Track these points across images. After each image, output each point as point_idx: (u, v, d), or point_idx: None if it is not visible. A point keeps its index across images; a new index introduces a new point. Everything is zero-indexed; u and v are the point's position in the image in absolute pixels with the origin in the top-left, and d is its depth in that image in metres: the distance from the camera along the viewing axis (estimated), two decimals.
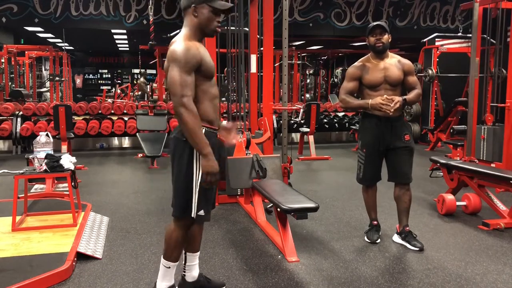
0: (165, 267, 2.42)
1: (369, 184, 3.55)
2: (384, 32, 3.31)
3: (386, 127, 3.35)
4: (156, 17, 9.31)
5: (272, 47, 4.89)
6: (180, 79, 2.14)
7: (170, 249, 2.39)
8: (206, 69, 2.25)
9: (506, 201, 4.24)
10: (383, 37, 3.31)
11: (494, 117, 6.55)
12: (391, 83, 3.32)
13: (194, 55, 2.18)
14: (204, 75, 2.26)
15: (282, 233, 3.25)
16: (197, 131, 2.14)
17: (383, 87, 3.32)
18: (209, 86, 2.30)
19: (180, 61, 2.15)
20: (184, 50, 2.17)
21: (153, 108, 8.18)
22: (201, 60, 2.21)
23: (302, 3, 10.29)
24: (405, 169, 3.43)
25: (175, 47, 2.20)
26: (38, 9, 9.17)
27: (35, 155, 3.87)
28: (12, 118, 8.20)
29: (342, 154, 8.31)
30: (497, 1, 6.13)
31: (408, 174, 3.45)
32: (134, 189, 5.38)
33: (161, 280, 2.44)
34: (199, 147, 2.16)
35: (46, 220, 3.80)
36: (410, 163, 3.45)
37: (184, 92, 2.13)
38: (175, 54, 2.17)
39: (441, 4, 10.89)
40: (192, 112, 2.14)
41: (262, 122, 4.73)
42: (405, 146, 3.39)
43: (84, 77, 21.47)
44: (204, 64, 2.23)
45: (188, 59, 2.16)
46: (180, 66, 2.15)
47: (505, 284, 2.78)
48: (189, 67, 2.17)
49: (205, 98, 2.28)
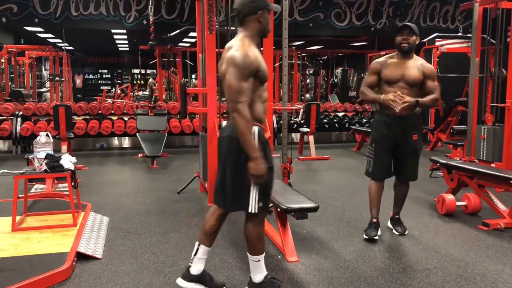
0: (255, 261, 2.52)
1: (377, 178, 3.61)
2: (412, 33, 3.41)
3: (395, 125, 3.43)
4: (156, 17, 9.31)
5: (272, 47, 4.89)
6: (237, 85, 2.25)
7: (254, 245, 2.49)
8: (263, 75, 2.36)
9: (506, 201, 4.24)
10: (410, 38, 3.41)
11: (494, 117, 6.55)
12: (408, 82, 3.39)
13: (253, 62, 2.28)
14: (260, 80, 2.37)
15: (282, 233, 3.25)
16: (247, 136, 2.27)
17: (399, 85, 3.41)
18: (263, 90, 2.42)
19: (239, 67, 2.26)
20: (244, 57, 2.27)
21: (153, 108, 8.18)
22: (258, 66, 2.31)
23: (302, 3, 10.29)
24: (409, 169, 3.55)
25: (235, 53, 2.29)
26: (38, 9, 9.17)
27: (35, 155, 3.87)
28: (12, 118, 8.20)
29: (342, 154, 8.31)
30: (497, 1, 6.13)
31: (410, 173, 3.56)
32: (134, 189, 5.38)
33: (255, 274, 2.53)
34: (249, 150, 2.27)
35: (46, 220, 3.80)
36: (414, 163, 3.55)
37: (239, 98, 2.25)
38: (235, 60, 2.27)
39: (441, 4, 10.89)
40: (245, 118, 2.26)
41: None
42: (411, 146, 3.48)
43: (84, 77, 21.46)
44: (261, 70, 2.33)
45: (247, 65, 2.26)
46: (239, 73, 2.25)
47: (505, 284, 2.78)
48: (247, 74, 2.27)
49: (259, 101, 2.40)
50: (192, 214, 4.31)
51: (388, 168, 3.59)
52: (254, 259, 2.51)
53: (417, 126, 3.53)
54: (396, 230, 3.69)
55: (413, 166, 3.56)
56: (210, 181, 4.62)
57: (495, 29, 6.46)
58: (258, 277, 2.54)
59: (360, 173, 6.40)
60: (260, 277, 2.53)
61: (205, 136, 4.82)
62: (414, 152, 3.52)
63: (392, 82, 3.42)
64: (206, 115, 4.85)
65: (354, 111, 10.59)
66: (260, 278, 2.53)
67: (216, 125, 4.58)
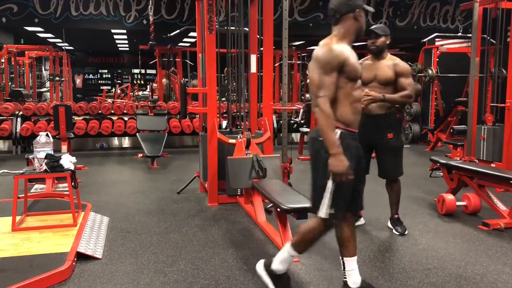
0: (290, 255, 2.52)
1: None
2: (378, 36, 3.53)
3: (369, 124, 3.48)
4: (156, 17, 9.31)
5: (272, 47, 4.89)
6: (318, 79, 2.25)
7: (303, 242, 2.49)
8: (350, 70, 2.30)
9: (506, 201, 4.23)
10: (377, 40, 3.55)
11: (494, 117, 6.55)
12: (380, 81, 3.53)
13: (337, 55, 2.27)
14: (348, 76, 2.31)
15: (282, 233, 3.25)
16: (326, 131, 2.23)
17: (372, 85, 3.55)
18: (353, 88, 2.35)
19: (321, 62, 2.27)
20: (326, 51, 2.28)
21: (153, 108, 8.18)
22: (344, 60, 2.28)
23: (302, 3, 10.29)
24: (387, 166, 3.63)
25: (319, 48, 2.33)
26: (38, 9, 9.17)
27: (35, 155, 3.87)
28: (12, 118, 8.20)
29: None
30: (497, 1, 6.13)
31: (390, 171, 3.64)
32: (134, 189, 5.38)
33: (278, 262, 2.54)
34: (328, 146, 2.23)
35: (46, 220, 3.80)
36: (393, 161, 3.62)
37: (319, 92, 2.24)
38: (317, 55, 2.31)
39: (441, 4, 10.89)
40: (324, 112, 2.22)
41: (262, 122, 4.72)
42: (387, 144, 3.57)
43: (84, 77, 21.45)
44: (348, 64, 2.29)
45: (329, 59, 2.26)
46: (320, 67, 2.26)
47: (505, 284, 2.78)
48: (329, 68, 2.25)
49: (346, 100, 2.34)
50: (192, 214, 4.31)
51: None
52: (291, 252, 2.52)
53: (392, 125, 3.58)
54: (396, 230, 3.72)
55: (390, 164, 3.62)
56: (210, 181, 4.63)
57: (495, 29, 6.47)
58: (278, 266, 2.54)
59: None
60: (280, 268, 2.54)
61: (205, 136, 4.82)
62: (390, 150, 3.58)
63: (365, 83, 3.50)
64: (206, 115, 4.85)
65: None
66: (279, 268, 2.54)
67: (216, 125, 4.58)
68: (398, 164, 3.65)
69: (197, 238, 3.59)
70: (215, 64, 4.60)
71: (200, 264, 3.07)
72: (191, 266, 3.03)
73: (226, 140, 4.47)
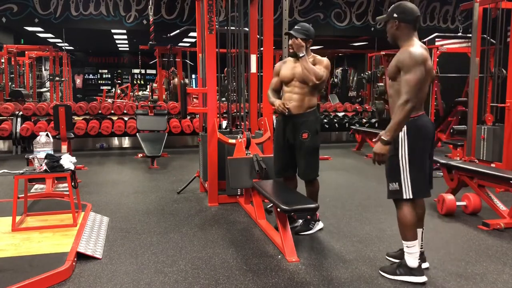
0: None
1: (278, 176, 3.85)
2: (292, 37, 3.53)
3: (287, 123, 3.62)
4: (156, 17, 9.31)
5: (272, 47, 4.89)
6: None
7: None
8: None
9: (506, 201, 4.24)
10: (293, 42, 3.54)
11: (494, 117, 6.55)
12: (299, 80, 3.56)
13: None
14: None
15: (282, 233, 3.25)
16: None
17: (293, 84, 3.59)
18: None
19: None
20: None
21: (153, 108, 8.18)
22: None
23: (302, 3, 10.29)
24: (301, 166, 3.66)
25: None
26: (38, 9, 9.17)
27: (35, 155, 3.88)
28: (12, 118, 8.20)
29: (342, 154, 8.31)
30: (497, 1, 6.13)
31: (303, 172, 3.65)
32: (134, 189, 5.38)
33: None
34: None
35: (46, 220, 3.80)
36: (307, 161, 3.62)
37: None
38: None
39: (441, 4, 10.89)
40: None
41: (262, 122, 4.72)
42: (301, 144, 3.59)
43: (84, 77, 21.45)
44: None
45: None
46: None
47: (505, 284, 2.78)
48: None
49: None
50: (192, 214, 4.31)
51: (285, 165, 3.74)
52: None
53: (310, 125, 3.57)
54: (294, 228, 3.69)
55: (304, 164, 3.61)
56: (210, 181, 4.63)
57: (495, 29, 6.47)
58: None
59: (360, 173, 6.42)
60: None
61: (205, 136, 4.82)
62: (306, 150, 3.58)
63: (287, 82, 3.61)
64: (206, 115, 4.85)
65: (354, 111, 10.59)
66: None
67: (216, 125, 4.58)
68: (311, 165, 3.62)
69: (197, 238, 3.59)
70: (215, 64, 4.61)
71: (200, 264, 3.07)
72: (191, 266, 3.03)
73: (226, 140, 4.47)
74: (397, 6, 2.74)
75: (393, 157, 2.71)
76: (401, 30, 2.71)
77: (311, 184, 3.70)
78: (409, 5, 2.73)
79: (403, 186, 2.71)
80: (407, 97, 2.55)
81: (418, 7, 2.88)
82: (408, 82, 2.56)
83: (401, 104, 2.56)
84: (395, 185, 2.74)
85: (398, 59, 2.65)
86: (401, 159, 2.70)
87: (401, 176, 2.71)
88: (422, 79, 2.58)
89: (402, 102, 2.55)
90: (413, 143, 2.68)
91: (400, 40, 2.74)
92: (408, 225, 2.74)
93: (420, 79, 2.57)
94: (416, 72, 2.56)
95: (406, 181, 2.70)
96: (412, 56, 2.58)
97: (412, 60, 2.57)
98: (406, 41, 2.70)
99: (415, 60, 2.57)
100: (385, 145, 2.61)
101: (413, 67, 2.56)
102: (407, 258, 2.78)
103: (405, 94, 2.56)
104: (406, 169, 2.69)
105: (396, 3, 2.80)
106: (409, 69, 2.57)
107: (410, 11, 2.70)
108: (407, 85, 2.56)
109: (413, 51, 2.60)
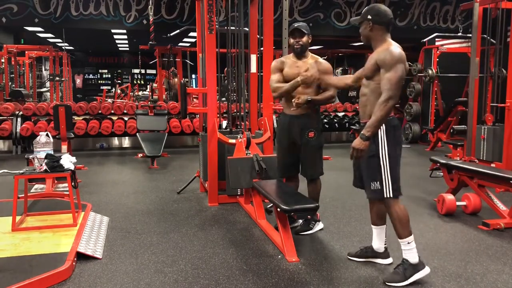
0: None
1: (281, 176, 3.86)
2: (302, 34, 3.53)
3: (292, 123, 3.61)
4: (156, 17, 9.31)
5: (272, 47, 4.89)
6: None
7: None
8: None
9: (506, 201, 4.24)
10: (301, 39, 3.53)
11: (494, 117, 6.55)
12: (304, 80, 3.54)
13: None
14: None
15: (282, 233, 3.25)
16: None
17: None
18: None
19: None
20: None
21: (153, 108, 8.18)
22: None
23: (302, 3, 10.29)
24: (306, 164, 3.68)
25: None
26: (38, 9, 9.17)
27: (35, 155, 3.87)
28: (12, 118, 8.20)
29: (342, 154, 8.30)
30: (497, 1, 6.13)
31: (308, 170, 3.68)
32: (134, 189, 5.38)
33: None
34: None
35: (46, 220, 3.80)
36: (312, 159, 3.66)
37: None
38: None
39: (441, 4, 10.89)
40: None
41: (262, 122, 4.72)
42: (307, 143, 3.59)
43: (84, 77, 21.46)
44: None
45: None
46: None
47: (505, 284, 2.78)
48: None
49: None
50: (192, 214, 4.31)
51: (289, 165, 3.76)
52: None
53: (313, 124, 3.60)
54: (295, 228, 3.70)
55: (310, 163, 3.65)
56: (210, 181, 4.63)
57: (495, 29, 6.47)
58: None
59: None
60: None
61: (205, 136, 4.82)
62: (311, 148, 3.61)
63: (289, 81, 3.55)
64: (206, 115, 4.85)
65: (354, 111, 10.58)
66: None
67: (216, 125, 4.58)
68: (317, 163, 3.66)
69: (197, 238, 3.59)
70: (215, 64, 4.60)
71: (200, 264, 3.07)
72: (191, 266, 3.03)
73: (226, 140, 4.47)
74: (371, 8, 2.79)
75: (373, 157, 2.75)
76: (375, 31, 2.77)
77: (314, 183, 3.72)
78: (383, 8, 2.78)
79: (384, 185, 2.75)
80: (389, 94, 2.60)
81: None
82: (389, 80, 2.61)
83: (383, 101, 2.61)
84: (376, 184, 2.77)
85: (379, 58, 2.69)
86: (381, 159, 2.74)
87: (382, 175, 2.75)
88: (403, 76, 2.64)
89: (384, 100, 2.61)
90: (393, 142, 2.75)
91: (374, 41, 2.79)
92: (403, 220, 2.77)
93: (401, 77, 2.62)
94: (397, 70, 2.61)
95: (387, 180, 2.75)
96: (393, 54, 2.63)
97: (394, 59, 2.62)
98: (380, 42, 2.76)
99: (396, 58, 2.62)
100: (365, 141, 2.66)
101: (394, 65, 2.61)
102: (408, 255, 2.78)
103: (387, 91, 2.61)
104: (387, 168, 2.74)
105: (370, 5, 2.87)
106: (391, 67, 2.62)
107: (384, 13, 2.75)
108: (389, 83, 2.61)
109: (393, 50, 2.65)
